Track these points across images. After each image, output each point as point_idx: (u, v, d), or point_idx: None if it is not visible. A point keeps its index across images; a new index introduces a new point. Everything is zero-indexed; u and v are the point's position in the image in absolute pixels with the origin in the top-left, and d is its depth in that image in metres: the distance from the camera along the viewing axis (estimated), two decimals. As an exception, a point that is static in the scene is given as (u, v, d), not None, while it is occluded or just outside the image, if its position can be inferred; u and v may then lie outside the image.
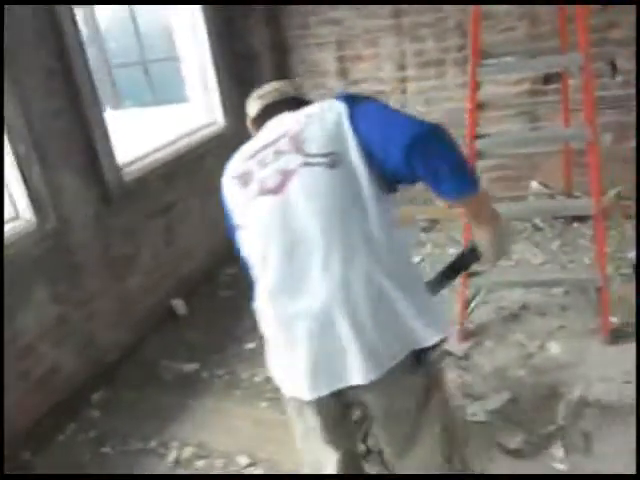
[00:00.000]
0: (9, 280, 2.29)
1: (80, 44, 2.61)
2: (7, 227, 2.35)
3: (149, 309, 3.13)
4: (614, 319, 2.69)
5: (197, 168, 3.65)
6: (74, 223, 2.65)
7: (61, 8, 2.51)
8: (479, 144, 2.56)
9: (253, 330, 3.01)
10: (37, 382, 2.46)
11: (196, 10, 3.67)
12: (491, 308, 2.95)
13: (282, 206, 1.31)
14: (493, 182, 3.92)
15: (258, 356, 2.82)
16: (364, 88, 4.10)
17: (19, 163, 2.31)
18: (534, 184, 3.99)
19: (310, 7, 4.00)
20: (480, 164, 2.60)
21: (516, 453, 2.04)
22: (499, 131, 3.27)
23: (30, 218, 2.43)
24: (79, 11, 2.79)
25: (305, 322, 1.28)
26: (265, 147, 1.42)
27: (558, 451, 2.02)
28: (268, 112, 1.58)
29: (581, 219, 3.69)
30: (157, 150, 3.30)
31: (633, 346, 2.49)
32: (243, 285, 1.59)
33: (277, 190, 1.33)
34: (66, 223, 2.60)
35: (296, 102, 1.56)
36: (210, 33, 3.74)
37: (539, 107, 3.79)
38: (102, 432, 2.48)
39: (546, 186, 3.93)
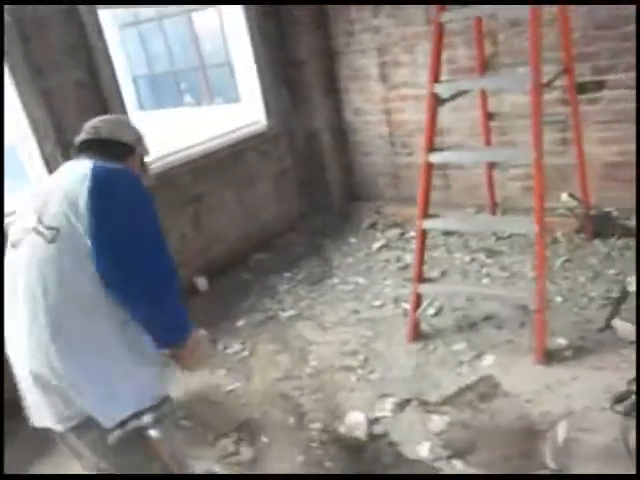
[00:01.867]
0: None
1: (108, 57, 3.22)
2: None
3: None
4: (561, 340, 2.70)
5: (235, 163, 4.15)
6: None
7: (90, 25, 3.12)
8: (431, 156, 2.71)
9: (249, 310, 3.47)
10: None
11: (245, 16, 4.12)
12: (455, 315, 3.07)
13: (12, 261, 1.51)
14: (525, 191, 3.89)
15: (241, 332, 3.29)
16: (403, 93, 4.27)
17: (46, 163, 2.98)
18: (564, 196, 3.88)
19: (355, 15, 4.26)
20: (512, 172, 2.72)
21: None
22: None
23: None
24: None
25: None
26: (38, 196, 1.55)
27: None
28: (78, 149, 1.68)
29: (598, 235, 3.57)
30: (190, 147, 3.86)
31: (562, 370, 2.51)
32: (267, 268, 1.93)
33: (15, 245, 1.52)
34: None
35: (102, 147, 1.64)
36: (257, 38, 4.18)
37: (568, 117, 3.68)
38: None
39: (575, 198, 3.80)
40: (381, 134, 4.50)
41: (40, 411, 1.49)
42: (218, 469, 2.30)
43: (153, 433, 1.52)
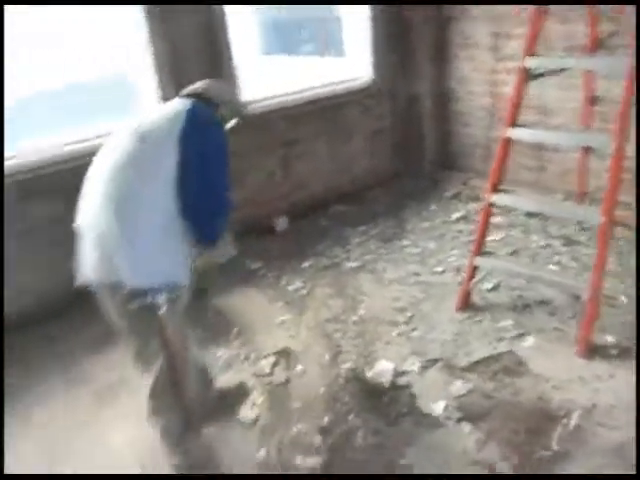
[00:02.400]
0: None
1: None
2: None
3: (253, 219, 3.98)
4: (610, 338, 2.64)
5: (334, 114, 4.29)
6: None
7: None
8: (510, 131, 2.69)
9: (317, 254, 3.64)
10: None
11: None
12: (511, 294, 3.07)
13: None
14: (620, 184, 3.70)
15: (305, 273, 3.50)
16: (510, 66, 4.14)
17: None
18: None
19: (470, -18, 4.15)
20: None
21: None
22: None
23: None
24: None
25: None
26: (141, 115, 2.03)
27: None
28: (183, 96, 2.09)
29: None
30: (290, 94, 4.04)
31: (600, 366, 2.48)
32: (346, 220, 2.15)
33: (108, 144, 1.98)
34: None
35: (200, 99, 2.04)
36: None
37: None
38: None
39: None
40: (483, 105, 4.41)
41: (89, 266, 1.86)
42: (251, 383, 2.56)
43: (163, 311, 1.82)
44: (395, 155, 4.78)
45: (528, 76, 2.70)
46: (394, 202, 4.42)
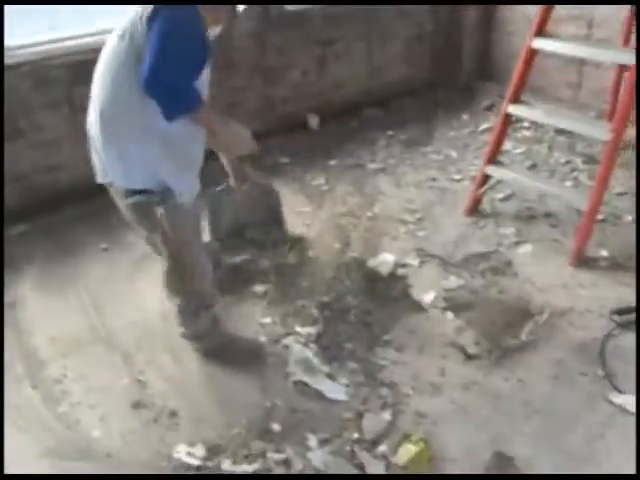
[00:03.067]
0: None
1: None
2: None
3: (286, 115, 4.14)
4: (604, 252, 2.79)
5: (372, 16, 4.27)
6: (235, 31, 3.69)
7: None
8: (535, 41, 2.72)
9: (343, 154, 3.77)
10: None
11: None
12: (520, 205, 3.22)
13: None
14: None
15: (329, 170, 3.68)
16: None
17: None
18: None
19: None
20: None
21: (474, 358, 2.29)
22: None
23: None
24: None
25: None
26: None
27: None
28: None
29: None
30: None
31: (587, 275, 2.67)
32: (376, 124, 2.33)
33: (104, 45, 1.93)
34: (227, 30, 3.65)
35: None
36: None
37: None
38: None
39: None
40: (527, 14, 4.29)
41: (96, 168, 2.02)
42: (268, 264, 2.83)
43: (160, 211, 1.92)
44: (433, 63, 4.75)
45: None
46: (425, 110, 4.47)
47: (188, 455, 1.91)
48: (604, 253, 2.79)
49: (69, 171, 3.30)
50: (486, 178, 3.06)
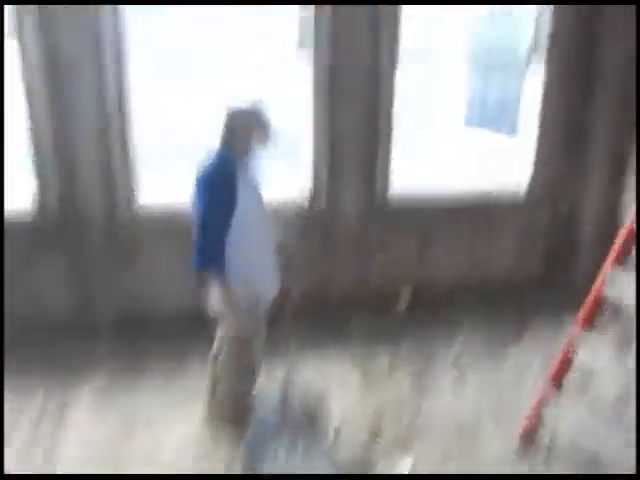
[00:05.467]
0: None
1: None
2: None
3: (376, 291, 4.26)
4: None
5: (476, 209, 4.40)
6: (342, 212, 4.07)
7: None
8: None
9: (421, 340, 3.93)
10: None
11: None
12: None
13: None
14: None
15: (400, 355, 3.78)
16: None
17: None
18: None
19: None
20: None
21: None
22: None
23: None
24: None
25: None
26: None
27: None
28: None
29: None
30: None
31: None
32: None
33: None
34: (336, 212, 4.04)
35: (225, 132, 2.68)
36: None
37: None
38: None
39: None
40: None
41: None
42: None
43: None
44: (546, 258, 4.63)
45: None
46: (524, 308, 4.29)
47: None
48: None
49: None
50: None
